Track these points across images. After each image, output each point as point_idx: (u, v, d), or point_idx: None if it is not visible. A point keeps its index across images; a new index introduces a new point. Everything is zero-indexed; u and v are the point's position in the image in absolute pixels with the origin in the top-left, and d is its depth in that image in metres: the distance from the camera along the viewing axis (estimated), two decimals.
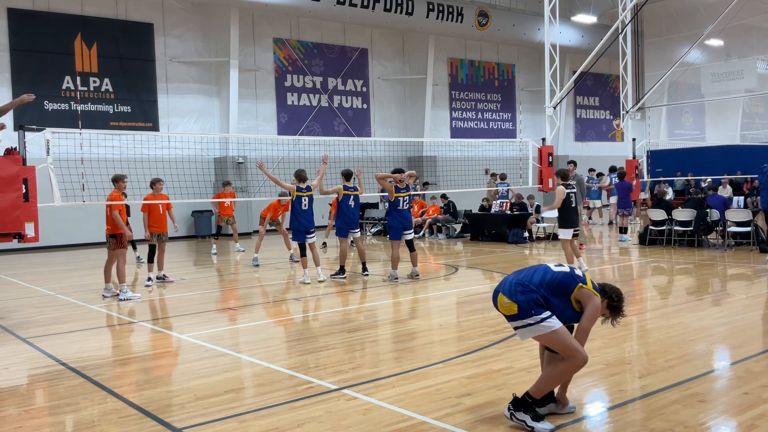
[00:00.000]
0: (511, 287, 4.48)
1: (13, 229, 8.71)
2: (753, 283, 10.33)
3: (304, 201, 11.18)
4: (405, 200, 11.27)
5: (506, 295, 4.46)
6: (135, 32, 21.55)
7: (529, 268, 4.65)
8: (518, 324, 4.45)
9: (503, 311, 4.52)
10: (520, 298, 4.40)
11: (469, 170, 22.81)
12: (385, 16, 24.10)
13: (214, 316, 9.01)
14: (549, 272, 4.51)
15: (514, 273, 4.67)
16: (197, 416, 4.82)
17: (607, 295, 4.55)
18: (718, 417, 4.58)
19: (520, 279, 4.52)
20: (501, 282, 4.63)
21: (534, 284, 4.45)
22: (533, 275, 4.52)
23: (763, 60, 30.39)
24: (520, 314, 4.39)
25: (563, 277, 4.48)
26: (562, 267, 4.60)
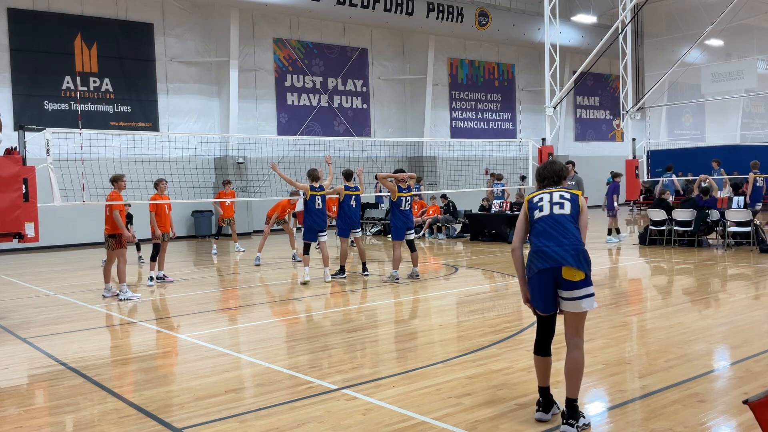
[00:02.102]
0: (580, 257, 4.39)
1: (13, 229, 8.71)
2: (753, 283, 10.33)
3: (318, 200, 11.23)
4: (407, 200, 11.28)
5: (576, 268, 4.36)
6: (135, 32, 21.55)
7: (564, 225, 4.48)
8: (587, 292, 4.40)
9: (568, 277, 4.38)
10: (588, 271, 4.42)
11: (469, 170, 22.82)
12: (385, 16, 24.10)
13: (214, 316, 9.00)
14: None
15: (557, 233, 4.45)
16: (197, 416, 4.82)
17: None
18: (718, 417, 4.57)
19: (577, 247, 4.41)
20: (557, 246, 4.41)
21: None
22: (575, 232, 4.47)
23: (763, 60, 30.40)
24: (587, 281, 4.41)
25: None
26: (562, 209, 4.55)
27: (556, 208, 4.55)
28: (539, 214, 4.58)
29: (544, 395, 4.58)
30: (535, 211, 4.61)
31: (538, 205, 4.62)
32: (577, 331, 4.46)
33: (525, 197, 4.78)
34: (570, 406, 4.37)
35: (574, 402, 4.37)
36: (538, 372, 4.63)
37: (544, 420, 4.52)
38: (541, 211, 4.58)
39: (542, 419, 4.53)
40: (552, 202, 4.58)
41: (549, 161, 4.90)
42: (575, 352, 4.42)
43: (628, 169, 20.12)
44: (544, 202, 4.60)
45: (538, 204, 4.62)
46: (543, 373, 4.60)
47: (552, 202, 4.58)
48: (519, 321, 7.91)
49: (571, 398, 4.38)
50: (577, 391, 4.39)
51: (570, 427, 4.29)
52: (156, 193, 11.81)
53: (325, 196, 11.40)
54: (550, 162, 4.89)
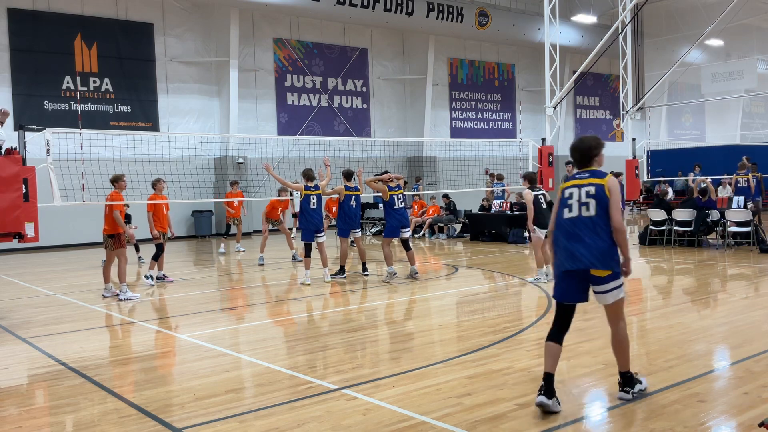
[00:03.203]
0: (604, 257, 4.65)
1: (13, 229, 8.71)
2: (753, 283, 10.33)
3: (313, 199, 11.24)
4: (399, 198, 11.30)
5: (602, 268, 4.67)
6: (135, 32, 21.55)
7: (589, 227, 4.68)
8: (614, 285, 4.74)
9: (596, 274, 4.71)
10: (615, 267, 4.71)
11: (469, 170, 22.82)
12: (385, 16, 24.10)
13: (214, 316, 9.00)
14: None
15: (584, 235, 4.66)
16: (197, 416, 4.82)
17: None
18: (718, 417, 4.57)
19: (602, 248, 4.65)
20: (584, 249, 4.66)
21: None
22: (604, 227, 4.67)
23: (763, 60, 30.40)
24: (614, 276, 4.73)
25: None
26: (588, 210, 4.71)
27: (583, 210, 4.71)
28: (568, 214, 4.77)
29: (547, 380, 4.66)
30: (565, 210, 4.80)
31: (568, 203, 4.79)
32: (616, 316, 4.86)
33: (560, 185, 4.97)
34: (623, 377, 4.86)
35: (626, 374, 4.85)
36: (546, 357, 4.76)
37: (545, 404, 4.56)
38: (570, 211, 4.76)
39: (543, 403, 4.57)
40: (580, 202, 4.73)
41: (578, 140, 5.00)
42: (617, 334, 4.87)
43: (628, 169, 20.13)
44: (573, 200, 4.76)
45: (568, 201, 4.80)
46: (551, 360, 4.74)
47: (580, 201, 4.73)
48: (519, 321, 7.92)
49: (622, 371, 4.86)
50: (627, 365, 4.83)
51: (626, 394, 4.81)
52: (154, 193, 11.79)
53: (321, 195, 11.42)
54: (578, 141, 4.99)
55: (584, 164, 4.86)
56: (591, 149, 4.85)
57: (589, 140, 4.91)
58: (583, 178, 4.79)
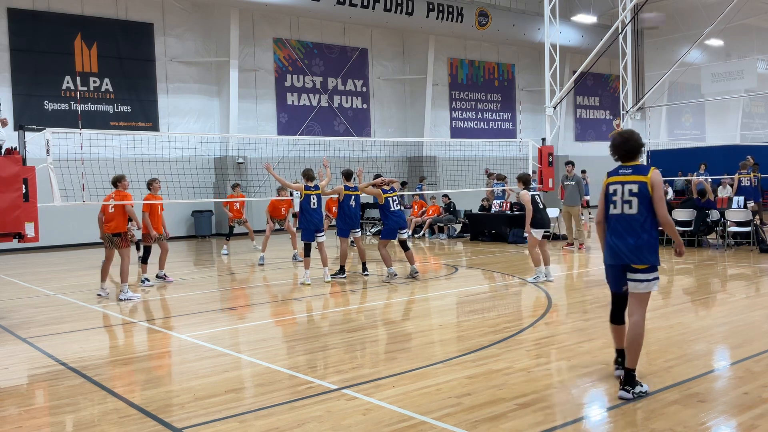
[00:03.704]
0: (642, 253, 4.92)
1: (13, 229, 8.71)
2: (753, 283, 10.33)
3: (313, 199, 11.25)
4: (395, 201, 11.28)
5: (640, 263, 4.94)
6: (135, 32, 21.55)
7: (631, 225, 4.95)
8: (649, 277, 4.97)
9: (635, 266, 4.98)
10: (653, 260, 4.97)
11: (469, 170, 22.81)
12: (385, 16, 24.09)
13: (214, 316, 9.00)
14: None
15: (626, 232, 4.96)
16: (197, 416, 4.82)
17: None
18: (718, 417, 4.58)
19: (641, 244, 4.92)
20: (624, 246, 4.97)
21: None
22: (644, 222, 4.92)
23: (763, 60, 30.40)
24: (651, 269, 4.97)
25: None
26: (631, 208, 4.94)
27: (626, 207, 4.98)
28: (613, 210, 5.07)
29: (621, 354, 5.22)
30: (610, 205, 5.10)
31: (612, 199, 5.07)
32: (638, 308, 5.00)
33: (605, 180, 5.19)
34: (627, 374, 4.93)
35: (630, 371, 4.92)
36: (614, 337, 5.32)
37: (618, 377, 5.08)
38: (615, 207, 5.05)
39: (621, 375, 5.03)
40: (623, 200, 4.99)
41: (626, 135, 5.15)
42: (635, 326, 4.96)
43: None
44: (618, 197, 5.03)
45: (612, 198, 5.07)
46: (618, 338, 5.26)
47: (623, 199, 4.99)
48: (519, 321, 7.92)
49: (628, 368, 4.94)
50: (635, 363, 4.93)
51: (626, 393, 4.88)
52: (150, 193, 11.71)
53: (321, 195, 11.42)
54: (628, 136, 5.13)
55: (629, 159, 5.08)
56: (639, 146, 5.05)
57: (637, 136, 5.11)
58: (627, 174, 5.01)
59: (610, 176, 5.13)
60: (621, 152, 5.09)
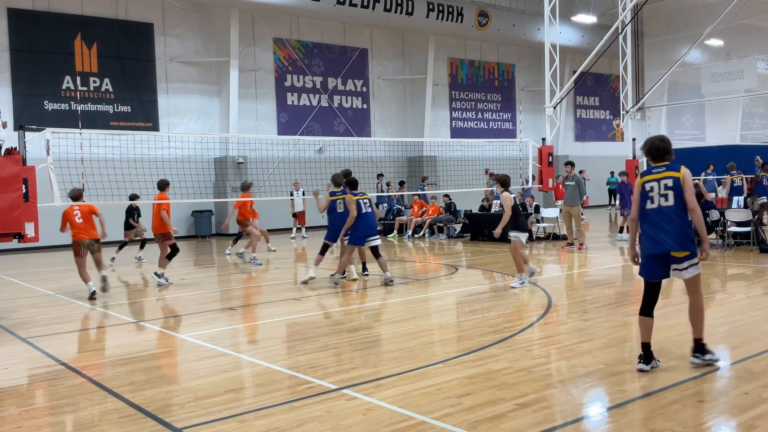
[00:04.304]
0: (682, 240, 5.39)
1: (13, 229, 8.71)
2: (753, 283, 10.33)
3: (340, 204, 10.97)
4: (366, 203, 10.76)
5: (681, 250, 5.41)
6: (135, 32, 21.55)
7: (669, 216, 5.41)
8: (691, 263, 5.45)
9: (675, 255, 5.45)
10: (692, 248, 5.42)
11: (469, 170, 22.81)
12: (385, 16, 24.09)
13: (214, 316, 9.01)
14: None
15: (665, 223, 5.41)
16: (197, 416, 4.82)
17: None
18: (718, 417, 4.58)
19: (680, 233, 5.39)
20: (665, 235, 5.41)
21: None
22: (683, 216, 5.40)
23: (763, 60, 30.37)
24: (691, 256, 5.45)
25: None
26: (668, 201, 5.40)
27: (662, 201, 5.47)
28: (650, 205, 5.52)
29: (645, 350, 5.51)
30: (647, 201, 5.53)
31: (650, 195, 5.53)
32: (695, 290, 5.55)
33: (639, 179, 5.66)
34: (696, 343, 5.57)
35: (699, 340, 5.56)
36: (642, 330, 5.59)
37: (644, 371, 5.41)
38: (652, 203, 5.51)
39: (642, 369, 5.43)
40: (660, 194, 5.48)
41: (659, 139, 5.73)
42: (695, 303, 5.55)
43: (629, 170, 20.10)
44: (654, 193, 5.50)
45: (649, 194, 5.53)
46: (646, 331, 5.56)
47: (660, 193, 5.48)
48: (519, 321, 7.92)
49: (696, 338, 5.58)
50: (701, 332, 5.54)
51: (696, 359, 5.52)
52: (164, 194, 11.72)
53: (345, 200, 10.95)
54: (660, 140, 5.71)
55: (661, 159, 5.62)
56: (670, 148, 5.67)
57: (668, 141, 5.72)
58: (660, 172, 5.55)
59: (644, 176, 5.61)
60: (657, 152, 5.62)
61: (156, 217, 11.45)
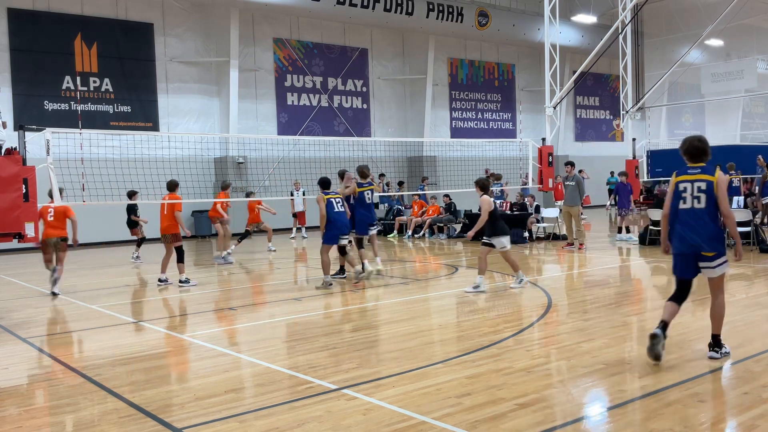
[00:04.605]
0: (711, 241, 5.56)
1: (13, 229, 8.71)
2: (753, 283, 10.33)
3: (367, 194, 11.60)
4: (339, 202, 10.83)
5: (710, 251, 5.57)
6: (135, 32, 21.55)
7: (701, 218, 5.58)
8: (719, 262, 5.62)
9: (704, 254, 5.60)
10: (720, 248, 5.60)
11: (469, 170, 22.77)
12: (385, 16, 24.10)
13: (214, 316, 9.01)
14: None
15: (696, 224, 5.58)
16: (197, 416, 4.82)
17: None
18: (718, 417, 4.57)
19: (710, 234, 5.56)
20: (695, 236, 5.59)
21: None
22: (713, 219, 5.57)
23: (763, 60, 30.38)
24: (719, 255, 5.61)
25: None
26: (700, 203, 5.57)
27: (695, 203, 5.62)
28: (683, 205, 5.69)
29: (662, 326, 5.68)
30: (679, 201, 5.70)
31: (683, 195, 5.68)
32: (718, 288, 5.71)
33: (673, 178, 5.81)
34: (714, 339, 5.76)
35: (717, 336, 5.76)
36: (665, 311, 5.79)
37: (657, 335, 5.58)
38: (685, 203, 5.67)
39: (656, 335, 5.60)
40: (693, 196, 5.63)
41: (698, 139, 5.87)
42: (717, 302, 5.73)
43: (629, 170, 20.13)
44: (687, 194, 5.66)
45: (682, 194, 5.69)
46: (669, 314, 5.77)
47: (693, 195, 5.63)
48: (519, 321, 7.92)
49: (715, 334, 5.77)
50: (719, 329, 5.76)
51: (715, 353, 5.72)
52: (173, 194, 11.67)
53: (374, 191, 11.80)
54: (698, 140, 5.86)
55: (699, 159, 5.77)
56: (708, 149, 5.80)
57: (706, 141, 5.83)
58: (695, 173, 5.69)
59: (679, 175, 5.75)
60: (694, 152, 5.77)
61: (167, 217, 11.36)
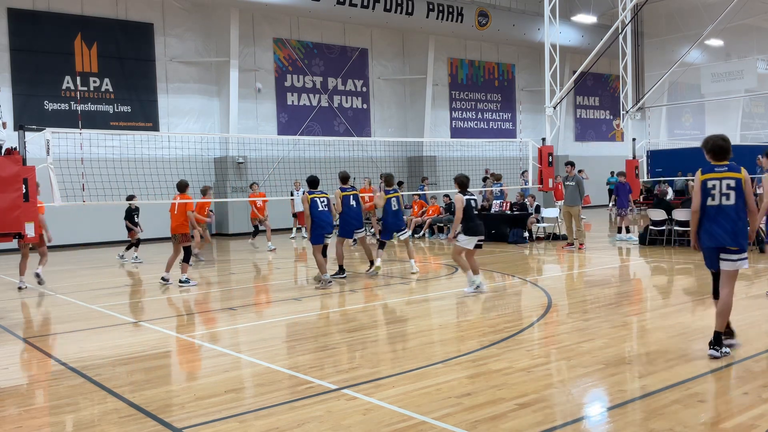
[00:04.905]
0: (736, 237, 5.77)
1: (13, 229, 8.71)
2: (753, 283, 10.32)
3: (394, 202, 11.85)
4: (323, 202, 10.91)
5: (734, 246, 5.78)
6: (135, 32, 21.55)
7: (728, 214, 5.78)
8: (740, 257, 5.86)
9: (729, 248, 5.82)
10: (744, 244, 5.83)
11: (469, 170, 22.72)
12: (385, 16, 24.09)
13: (214, 316, 9.01)
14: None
15: (723, 220, 5.78)
16: (197, 416, 4.82)
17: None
18: (718, 417, 4.57)
19: (735, 230, 5.77)
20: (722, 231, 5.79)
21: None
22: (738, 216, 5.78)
23: (763, 60, 30.38)
24: (741, 251, 5.84)
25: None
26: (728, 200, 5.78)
27: (723, 199, 5.83)
28: (711, 202, 5.88)
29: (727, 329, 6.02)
30: (708, 198, 5.88)
31: (711, 192, 5.87)
32: (728, 283, 5.91)
33: (699, 176, 5.95)
34: (716, 336, 5.90)
35: (719, 333, 5.91)
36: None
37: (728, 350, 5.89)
38: (713, 200, 5.86)
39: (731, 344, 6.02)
40: (721, 193, 5.83)
41: (721, 138, 6.02)
42: (724, 299, 5.92)
43: (628, 169, 20.14)
44: (716, 191, 5.85)
45: (711, 191, 5.87)
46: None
47: (721, 192, 5.83)
48: (519, 321, 7.92)
49: (717, 331, 5.91)
50: (722, 327, 5.94)
51: (715, 351, 5.82)
52: (185, 194, 11.61)
53: (398, 198, 12.01)
54: (722, 139, 6.00)
55: (723, 158, 5.93)
56: (730, 148, 5.96)
57: (728, 140, 6.00)
58: (722, 171, 5.87)
59: (706, 173, 5.91)
60: (719, 150, 5.91)
61: (178, 217, 11.36)
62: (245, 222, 21.92)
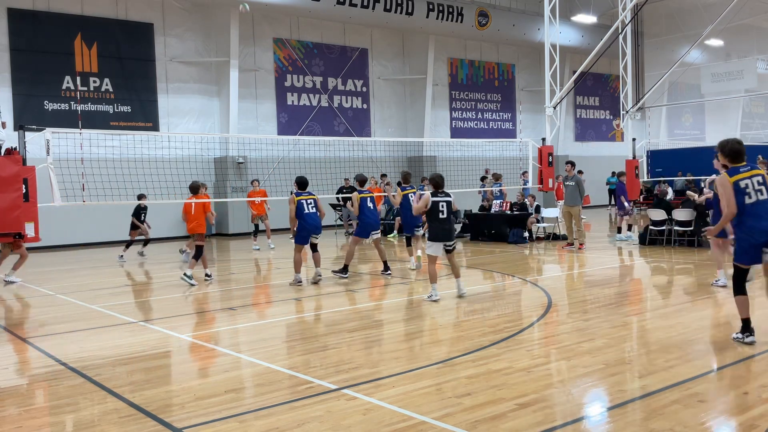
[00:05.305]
0: None
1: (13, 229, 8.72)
2: (752, 283, 10.31)
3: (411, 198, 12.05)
4: (310, 203, 10.92)
5: None
6: (135, 32, 21.55)
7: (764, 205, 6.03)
8: None
9: None
10: None
11: (469, 170, 22.80)
12: (385, 16, 24.09)
13: (214, 316, 9.01)
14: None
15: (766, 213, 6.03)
16: (197, 416, 4.82)
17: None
18: (718, 417, 4.58)
19: None
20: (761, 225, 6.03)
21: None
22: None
23: (763, 60, 30.39)
24: None
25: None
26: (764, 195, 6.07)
27: (759, 194, 6.06)
28: (748, 200, 6.06)
29: (746, 323, 6.22)
30: (744, 197, 6.06)
31: (746, 191, 6.07)
32: None
33: (729, 179, 6.13)
34: (744, 323, 6.21)
35: (747, 321, 6.21)
36: (741, 308, 6.27)
37: (749, 343, 6.12)
38: (750, 198, 6.06)
39: (751, 342, 6.15)
40: (755, 189, 6.07)
41: (738, 141, 6.37)
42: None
43: (628, 169, 20.13)
44: (751, 189, 6.07)
45: (745, 190, 6.07)
46: (744, 308, 6.25)
47: (755, 188, 6.07)
48: (519, 321, 7.92)
49: (744, 318, 6.21)
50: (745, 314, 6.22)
51: (739, 335, 6.20)
52: (197, 195, 11.80)
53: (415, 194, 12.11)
54: (738, 142, 6.36)
55: (741, 159, 6.23)
56: (744, 150, 6.28)
57: (743, 143, 6.35)
58: (747, 171, 6.15)
59: (734, 175, 6.13)
60: (738, 151, 6.22)
61: (196, 217, 11.48)
62: (245, 222, 21.93)
